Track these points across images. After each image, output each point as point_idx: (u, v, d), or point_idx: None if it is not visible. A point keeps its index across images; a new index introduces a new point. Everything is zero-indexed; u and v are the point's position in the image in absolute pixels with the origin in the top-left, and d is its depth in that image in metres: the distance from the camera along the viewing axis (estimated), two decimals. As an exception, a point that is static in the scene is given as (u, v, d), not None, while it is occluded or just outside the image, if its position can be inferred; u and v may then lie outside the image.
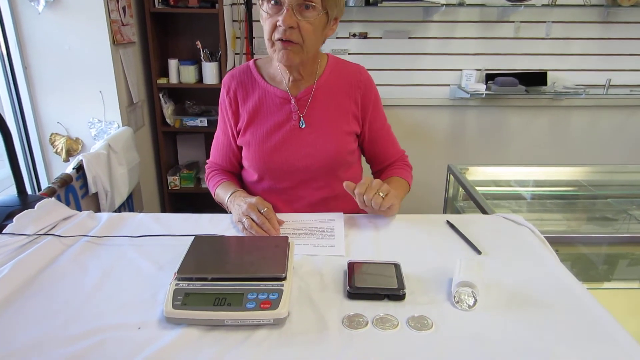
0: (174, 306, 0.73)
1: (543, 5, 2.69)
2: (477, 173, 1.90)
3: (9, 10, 1.96)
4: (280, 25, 1.05)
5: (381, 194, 1.07)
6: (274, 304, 0.73)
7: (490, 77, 2.87)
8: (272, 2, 1.06)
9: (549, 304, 0.80)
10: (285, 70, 1.20)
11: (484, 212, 1.47)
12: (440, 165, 2.01)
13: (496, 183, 1.98)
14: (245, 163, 1.30)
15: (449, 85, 2.94)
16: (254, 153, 1.24)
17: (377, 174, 1.38)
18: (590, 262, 1.58)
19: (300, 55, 1.11)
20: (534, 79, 2.87)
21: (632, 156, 3.12)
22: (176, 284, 0.77)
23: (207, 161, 1.39)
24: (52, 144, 2.18)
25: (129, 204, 2.17)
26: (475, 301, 0.79)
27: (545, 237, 1.07)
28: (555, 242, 1.29)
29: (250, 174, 1.30)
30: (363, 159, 1.40)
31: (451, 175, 1.85)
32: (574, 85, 2.88)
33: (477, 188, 1.69)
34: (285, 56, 1.09)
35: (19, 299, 0.80)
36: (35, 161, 2.19)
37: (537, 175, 2.07)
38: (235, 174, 1.37)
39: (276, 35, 1.07)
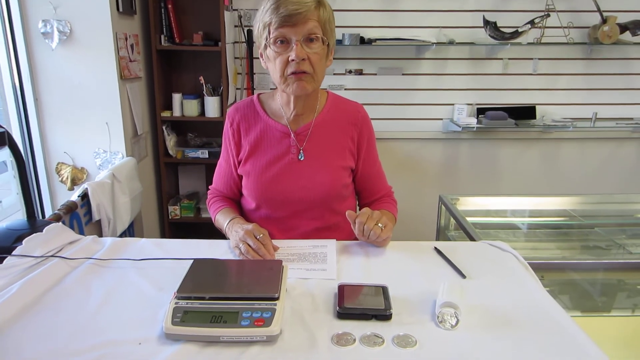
0: (173, 323, 0.78)
1: (529, 43, 2.81)
2: (467, 203, 1.95)
3: (24, 46, 2.08)
4: (293, 60, 1.13)
5: (380, 225, 1.13)
6: (267, 322, 0.78)
7: (481, 111, 2.97)
8: (279, 41, 1.15)
9: (528, 324, 0.85)
10: (288, 105, 1.28)
11: (473, 240, 1.52)
12: (433, 196, 2.08)
13: (487, 213, 2.03)
14: (244, 192, 1.36)
15: (441, 119, 3.04)
16: (253, 183, 1.31)
17: (364, 206, 1.43)
18: (577, 289, 1.62)
19: (312, 84, 1.20)
20: (524, 113, 2.97)
21: (619, 187, 3.19)
22: (176, 303, 0.83)
23: (210, 187, 1.46)
24: (57, 173, 2.25)
25: (130, 232, 2.22)
26: (458, 321, 0.84)
27: (530, 263, 1.12)
28: (541, 268, 1.34)
29: (249, 202, 1.36)
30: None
31: (443, 206, 1.91)
32: (562, 119, 2.98)
33: (468, 218, 1.74)
34: (300, 86, 1.18)
35: (26, 315, 0.85)
36: (40, 189, 2.26)
37: (527, 205, 2.13)
38: (235, 201, 1.43)
39: (289, 70, 1.16)
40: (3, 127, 1.13)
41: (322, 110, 1.32)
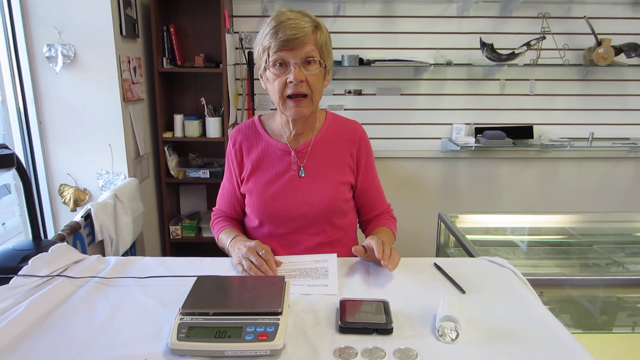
0: (179, 338, 0.80)
1: (525, 64, 2.87)
2: (467, 221, 1.98)
3: (29, 70, 2.12)
4: (291, 82, 1.17)
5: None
6: (270, 336, 0.80)
7: (479, 131, 3.01)
8: (278, 64, 1.19)
9: (527, 339, 0.86)
10: (287, 125, 1.32)
11: (472, 256, 1.54)
12: (433, 214, 2.10)
13: (486, 231, 2.05)
14: (247, 209, 1.39)
15: (440, 138, 3.08)
16: (256, 200, 1.33)
17: (364, 223, 1.46)
18: (577, 307, 1.63)
19: (310, 107, 1.24)
20: (521, 132, 3.01)
21: (617, 205, 3.22)
22: (180, 319, 0.84)
23: (213, 209, 1.49)
24: (60, 195, 2.27)
25: (132, 252, 2.23)
26: (458, 335, 0.85)
27: (528, 279, 1.13)
28: (539, 284, 1.36)
29: (252, 220, 1.38)
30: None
31: (442, 223, 1.93)
32: (559, 138, 3.02)
33: (468, 236, 1.76)
34: (298, 112, 1.22)
35: (33, 334, 0.86)
36: (43, 210, 2.28)
37: (526, 223, 2.15)
38: (238, 221, 1.45)
39: (288, 91, 1.20)
40: (10, 149, 1.16)
41: (322, 129, 1.36)
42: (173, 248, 2.92)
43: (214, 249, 1.41)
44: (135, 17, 2.42)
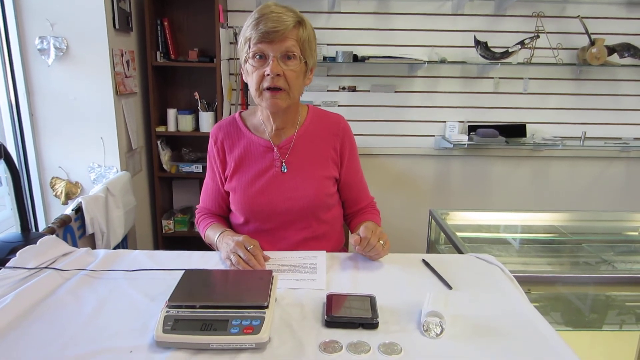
0: (164, 331, 0.80)
1: (519, 63, 2.87)
2: (457, 218, 1.99)
3: (21, 63, 2.10)
4: (268, 75, 1.16)
5: (382, 242, 1.16)
6: (256, 330, 0.80)
7: (472, 129, 3.02)
8: (257, 56, 1.18)
9: (511, 335, 0.87)
10: (269, 120, 1.31)
11: (461, 253, 1.54)
12: (425, 211, 2.10)
13: (477, 228, 2.06)
14: (232, 207, 1.38)
15: (433, 136, 3.09)
16: (240, 198, 1.33)
17: (348, 216, 1.47)
18: (565, 304, 1.65)
19: (287, 101, 1.22)
20: (514, 131, 3.02)
21: (608, 204, 3.24)
22: (167, 311, 0.84)
23: (197, 207, 1.48)
24: (52, 188, 2.26)
25: (124, 246, 2.23)
26: (442, 330, 0.86)
27: (516, 276, 1.14)
28: (527, 281, 1.36)
29: (237, 217, 1.38)
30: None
31: (433, 220, 1.93)
32: (552, 137, 3.03)
33: (459, 233, 1.76)
34: (273, 103, 1.21)
35: (20, 326, 0.86)
36: (34, 203, 2.27)
37: (517, 221, 2.16)
38: (224, 217, 1.45)
39: (265, 85, 1.19)
40: (-1, 140, 1.16)
41: (304, 123, 1.35)
42: (165, 242, 2.91)
43: (206, 245, 1.40)
44: (129, 10, 2.40)
